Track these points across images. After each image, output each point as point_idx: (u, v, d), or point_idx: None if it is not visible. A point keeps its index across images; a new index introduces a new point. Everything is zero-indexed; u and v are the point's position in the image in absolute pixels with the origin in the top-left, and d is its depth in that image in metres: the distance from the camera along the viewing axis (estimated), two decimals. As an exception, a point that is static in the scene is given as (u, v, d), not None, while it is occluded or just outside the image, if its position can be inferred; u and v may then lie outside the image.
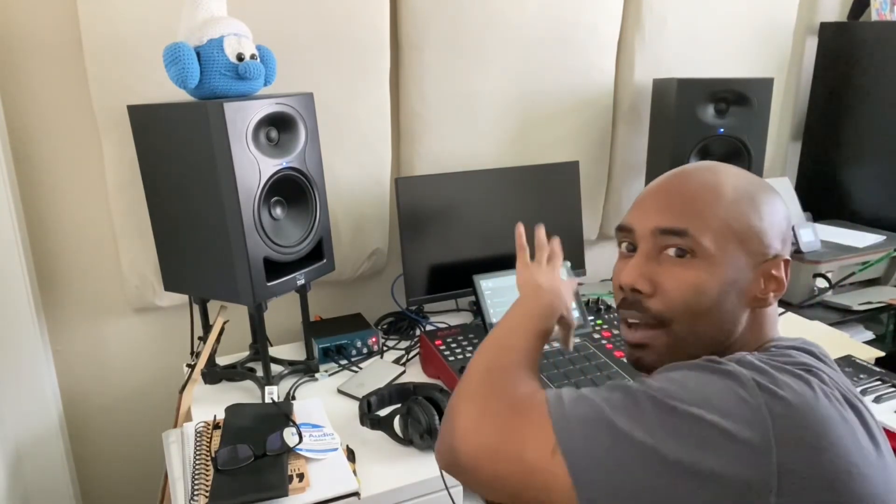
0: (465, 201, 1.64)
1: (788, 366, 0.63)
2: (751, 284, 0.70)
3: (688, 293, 0.69)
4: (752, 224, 0.69)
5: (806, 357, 0.66)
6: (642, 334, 0.73)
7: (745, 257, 0.69)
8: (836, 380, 0.65)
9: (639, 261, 0.72)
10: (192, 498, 1.02)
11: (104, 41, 1.30)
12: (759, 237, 0.69)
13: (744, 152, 1.73)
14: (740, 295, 0.70)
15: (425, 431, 1.12)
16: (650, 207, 0.73)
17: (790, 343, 0.70)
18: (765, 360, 0.63)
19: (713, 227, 0.69)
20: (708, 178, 0.71)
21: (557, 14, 1.69)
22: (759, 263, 0.70)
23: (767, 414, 0.57)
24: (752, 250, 0.69)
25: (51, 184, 1.40)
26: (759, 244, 0.70)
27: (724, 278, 0.68)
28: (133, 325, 1.55)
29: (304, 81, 1.47)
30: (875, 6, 2.12)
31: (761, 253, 0.70)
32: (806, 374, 0.62)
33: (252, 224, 1.19)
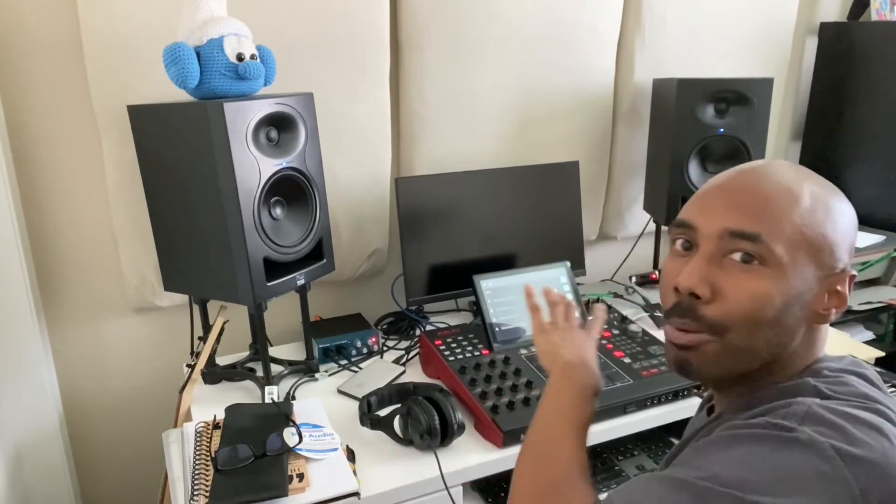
0: (465, 201, 1.63)
1: (856, 409, 0.59)
2: (815, 298, 0.65)
3: (751, 303, 0.63)
4: (826, 234, 0.64)
5: (862, 385, 0.64)
6: (693, 338, 0.66)
7: (815, 270, 0.64)
8: (892, 406, 0.63)
9: (700, 263, 0.65)
10: (192, 498, 1.02)
11: (104, 41, 1.30)
12: (830, 249, 0.64)
13: (744, 152, 1.73)
14: (803, 309, 0.65)
15: (425, 431, 1.12)
16: (719, 205, 0.66)
17: (841, 366, 0.67)
18: (831, 408, 0.59)
19: (787, 234, 0.63)
20: (785, 180, 0.65)
21: (557, 14, 1.69)
22: (826, 277, 0.65)
23: (854, 483, 0.54)
24: (822, 263, 0.64)
25: (51, 184, 1.40)
26: (830, 257, 0.64)
27: (790, 290, 0.63)
28: (133, 325, 1.55)
29: (304, 81, 1.47)
30: (875, 6, 2.12)
31: (830, 266, 0.65)
32: (876, 419, 0.59)
33: (252, 224, 1.19)
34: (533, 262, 1.65)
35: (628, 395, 1.28)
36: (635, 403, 1.28)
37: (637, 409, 1.29)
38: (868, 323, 1.91)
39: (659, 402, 1.30)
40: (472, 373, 1.31)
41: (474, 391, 1.26)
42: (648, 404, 1.29)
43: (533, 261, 1.70)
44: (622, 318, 1.59)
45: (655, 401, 1.30)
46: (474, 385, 1.28)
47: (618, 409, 1.27)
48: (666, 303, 0.70)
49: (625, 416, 1.27)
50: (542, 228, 1.74)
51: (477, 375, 1.30)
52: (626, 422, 1.27)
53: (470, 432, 1.22)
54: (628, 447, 1.38)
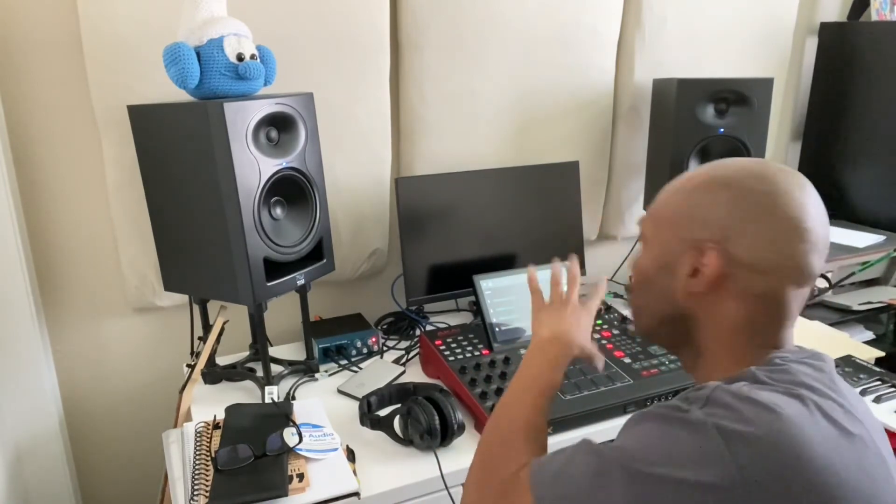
0: (465, 201, 1.63)
1: (767, 392, 0.64)
2: (679, 265, 0.73)
3: (632, 270, 0.82)
4: (681, 209, 0.74)
5: (804, 373, 0.67)
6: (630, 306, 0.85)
7: (675, 241, 0.74)
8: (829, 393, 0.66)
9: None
10: (192, 498, 1.02)
11: (104, 41, 1.30)
12: (687, 222, 0.73)
13: (744, 152, 1.73)
14: (671, 274, 0.74)
15: (425, 431, 1.12)
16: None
17: (794, 356, 0.70)
18: (734, 391, 0.64)
19: (654, 213, 0.78)
20: (694, 170, 0.77)
21: (557, 14, 1.69)
22: (688, 248, 0.72)
23: (732, 459, 0.58)
24: (681, 235, 0.73)
25: (51, 184, 1.40)
26: (687, 229, 0.72)
27: (654, 257, 0.77)
28: (133, 325, 1.55)
29: (304, 81, 1.47)
30: (875, 6, 2.12)
31: (689, 239, 0.72)
32: (777, 399, 0.63)
33: (252, 224, 1.19)
34: (533, 262, 1.65)
35: (628, 395, 1.28)
36: (635, 403, 1.28)
37: (637, 409, 1.28)
38: (868, 323, 1.91)
39: (659, 402, 1.30)
40: (472, 373, 1.31)
41: (474, 391, 1.26)
42: (648, 404, 1.29)
43: (533, 261, 1.70)
44: (622, 318, 1.59)
45: (655, 401, 1.30)
46: (474, 385, 1.28)
47: (618, 409, 1.27)
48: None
49: (625, 416, 1.27)
50: (542, 228, 1.74)
51: (477, 375, 1.30)
52: (626, 422, 1.27)
53: (470, 432, 1.22)
54: (628, 447, 1.38)
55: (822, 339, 1.57)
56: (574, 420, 1.23)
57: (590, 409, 1.23)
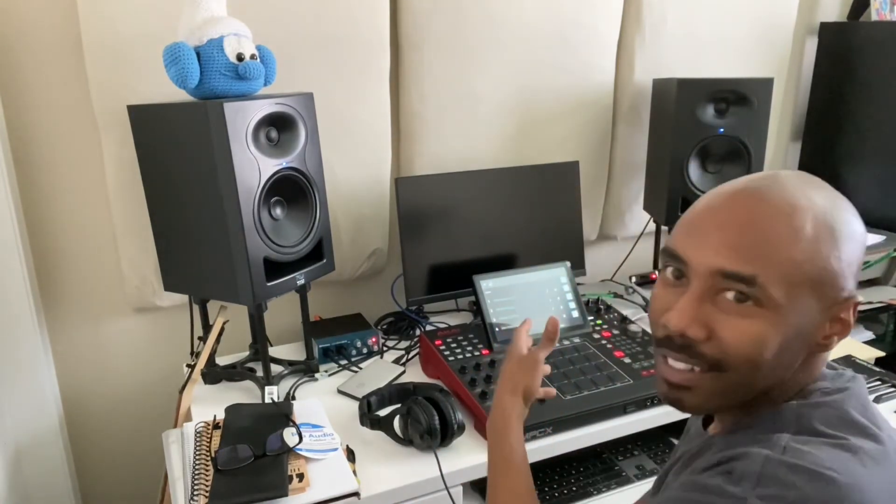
0: (465, 201, 1.63)
1: (824, 448, 0.58)
2: (816, 330, 0.62)
3: (749, 346, 0.60)
4: (829, 267, 0.60)
5: (851, 408, 0.63)
6: (689, 377, 0.64)
7: (816, 303, 0.61)
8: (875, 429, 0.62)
9: (691, 302, 0.62)
10: (192, 498, 1.02)
11: (104, 41, 1.30)
12: (833, 280, 0.61)
13: (744, 152, 1.73)
14: (803, 342, 0.62)
15: (425, 431, 1.12)
16: (711, 240, 0.62)
17: (837, 385, 0.65)
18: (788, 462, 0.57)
19: (786, 274, 0.59)
20: (785, 206, 0.60)
21: (557, 14, 1.69)
22: (828, 307, 0.62)
23: None
24: (825, 295, 0.61)
25: (51, 184, 1.40)
26: (833, 288, 0.61)
27: (789, 330, 0.60)
28: (133, 325, 1.55)
29: (304, 81, 1.47)
30: (875, 6, 2.12)
31: (833, 297, 0.61)
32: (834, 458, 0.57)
33: (252, 224, 1.19)
34: (533, 262, 1.66)
35: (628, 395, 1.28)
36: (635, 403, 1.28)
37: (637, 409, 1.29)
38: (868, 323, 1.91)
39: (659, 402, 1.30)
40: (472, 373, 1.31)
41: (474, 391, 1.26)
42: (648, 404, 1.29)
43: (533, 261, 1.70)
44: (622, 318, 1.59)
45: (655, 401, 1.30)
46: (474, 385, 1.28)
47: (618, 409, 1.27)
48: (656, 333, 0.67)
49: (625, 416, 1.27)
50: (542, 228, 1.74)
51: (477, 375, 1.30)
52: (626, 422, 1.27)
53: (470, 432, 1.22)
54: (628, 447, 1.38)
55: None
56: (574, 420, 1.23)
57: (590, 409, 1.23)
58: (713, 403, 0.66)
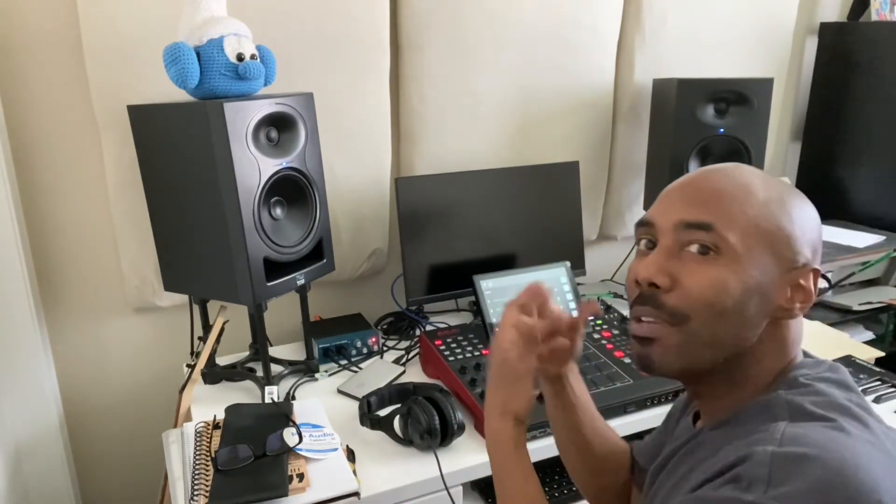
0: (465, 201, 1.63)
1: (819, 409, 0.61)
2: (776, 291, 0.65)
3: (709, 291, 0.64)
4: (783, 226, 0.65)
5: (837, 394, 0.63)
6: (654, 328, 0.67)
7: (773, 261, 0.65)
8: (861, 409, 0.63)
9: (658, 255, 0.67)
10: (192, 498, 1.02)
11: (104, 41, 1.30)
12: (788, 241, 0.65)
13: (744, 152, 1.73)
14: (764, 301, 0.65)
15: (425, 431, 1.12)
16: (675, 200, 0.68)
17: (817, 372, 0.66)
18: (798, 453, 0.57)
19: (741, 224, 0.64)
20: (738, 176, 0.67)
21: (557, 14, 1.69)
22: (787, 270, 0.65)
23: None
24: (781, 255, 0.65)
25: (51, 184, 1.40)
26: (788, 249, 0.65)
27: (748, 280, 0.64)
28: (133, 325, 1.55)
29: (304, 81, 1.47)
30: (875, 6, 2.12)
31: (790, 259, 0.65)
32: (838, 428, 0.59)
33: (252, 224, 1.19)
34: (533, 262, 1.66)
35: (628, 395, 1.28)
36: (635, 403, 1.28)
37: (637, 409, 1.29)
38: (868, 323, 1.91)
39: (659, 402, 1.30)
40: (472, 373, 1.31)
41: (474, 391, 1.26)
42: (648, 404, 1.29)
43: (533, 261, 1.70)
44: (622, 318, 1.59)
45: (655, 401, 1.30)
46: (474, 385, 1.28)
47: (618, 409, 1.27)
48: (630, 295, 0.71)
49: (625, 416, 1.27)
50: (542, 228, 1.74)
51: (477, 375, 1.30)
52: (626, 422, 1.27)
53: (470, 432, 1.22)
54: (628, 447, 1.38)
55: (822, 339, 1.57)
56: (574, 420, 1.23)
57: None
58: (680, 359, 0.67)
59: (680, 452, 0.72)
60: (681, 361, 0.67)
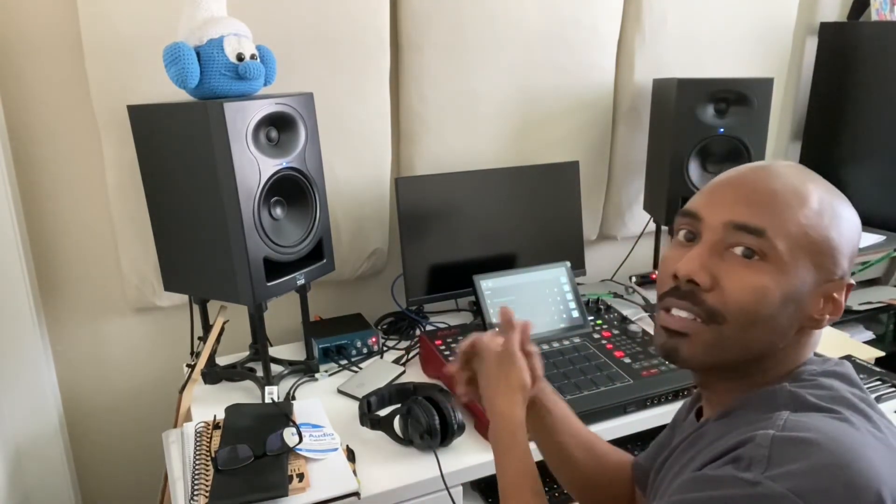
0: (465, 201, 1.63)
1: (823, 402, 0.62)
2: (811, 302, 0.65)
3: (750, 296, 0.63)
4: (831, 239, 0.64)
5: (841, 387, 0.64)
6: (684, 323, 0.66)
7: (814, 272, 0.64)
8: (864, 404, 0.64)
9: (702, 252, 0.65)
10: (192, 498, 1.02)
11: (104, 41, 1.30)
12: (832, 254, 0.64)
13: (744, 152, 1.73)
14: (798, 310, 0.65)
15: (425, 431, 1.12)
16: (727, 198, 0.66)
17: (822, 368, 0.67)
18: (798, 437, 0.57)
19: (791, 233, 0.63)
20: (793, 180, 0.65)
21: (557, 14, 1.69)
22: (823, 282, 0.65)
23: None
24: (823, 267, 0.64)
25: (51, 184, 1.40)
26: (831, 262, 0.64)
27: (789, 289, 0.63)
28: (133, 325, 1.55)
29: (304, 81, 1.47)
30: (875, 6, 2.12)
31: (829, 271, 0.65)
32: (842, 419, 0.60)
33: (252, 224, 1.19)
34: (533, 262, 1.66)
35: (628, 395, 1.28)
36: (635, 403, 1.28)
37: (637, 409, 1.29)
38: (868, 323, 1.91)
39: (659, 402, 1.30)
40: (472, 373, 1.31)
41: (474, 391, 1.26)
42: (648, 404, 1.29)
43: (533, 261, 1.71)
44: (622, 318, 1.59)
45: (655, 401, 1.30)
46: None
47: (618, 409, 1.27)
48: (662, 287, 0.70)
49: (625, 416, 1.27)
50: (542, 228, 1.74)
51: (477, 375, 1.30)
52: (626, 422, 1.27)
53: (470, 432, 1.21)
54: (628, 447, 1.37)
55: (822, 338, 1.57)
56: (574, 420, 1.23)
57: (590, 409, 1.23)
58: (707, 356, 0.67)
59: (683, 445, 0.73)
60: (708, 359, 0.67)
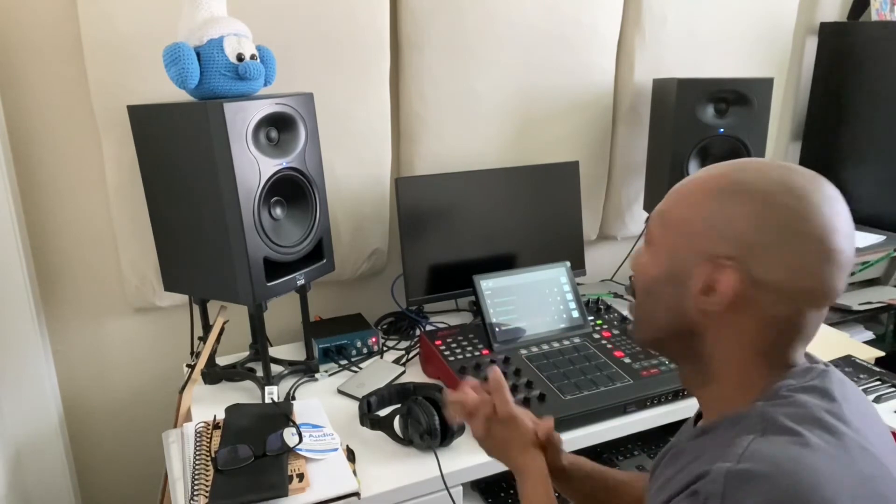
0: (465, 201, 1.64)
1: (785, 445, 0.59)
2: (691, 280, 0.67)
3: (637, 272, 0.74)
4: (702, 217, 0.66)
5: (815, 406, 0.62)
6: (630, 307, 0.79)
7: (689, 251, 0.67)
8: (838, 422, 0.62)
9: (639, 246, 0.77)
10: (192, 498, 1.02)
11: (104, 41, 1.30)
12: (703, 231, 0.66)
13: (744, 152, 1.73)
14: (680, 287, 0.68)
15: (425, 431, 1.12)
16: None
17: (802, 383, 0.65)
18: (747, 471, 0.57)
19: (664, 214, 0.70)
20: (716, 170, 0.68)
21: (557, 14, 1.69)
22: (702, 261, 0.66)
23: None
24: (695, 245, 0.66)
25: (51, 184, 1.40)
26: (701, 240, 0.66)
27: (661, 264, 0.70)
28: (133, 325, 1.55)
29: (304, 81, 1.47)
30: (875, 6, 2.12)
31: (703, 251, 0.66)
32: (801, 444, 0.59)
33: (252, 224, 1.19)
34: (533, 262, 1.66)
35: (628, 395, 1.28)
36: (635, 403, 1.28)
37: (637, 409, 1.29)
38: (868, 323, 1.91)
39: (659, 402, 1.30)
40: (472, 373, 1.31)
41: (474, 391, 1.26)
42: (648, 404, 1.29)
43: (533, 261, 1.71)
44: (622, 318, 1.59)
45: (655, 401, 1.30)
46: (474, 385, 1.28)
47: (618, 409, 1.27)
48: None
49: (625, 416, 1.27)
50: (542, 228, 1.75)
51: (477, 375, 1.30)
52: (626, 422, 1.27)
53: (470, 432, 1.21)
54: (628, 447, 1.38)
55: (822, 339, 1.57)
56: (574, 420, 1.23)
57: (590, 409, 1.23)
58: (637, 330, 0.77)
59: (671, 452, 0.75)
60: (638, 333, 0.76)
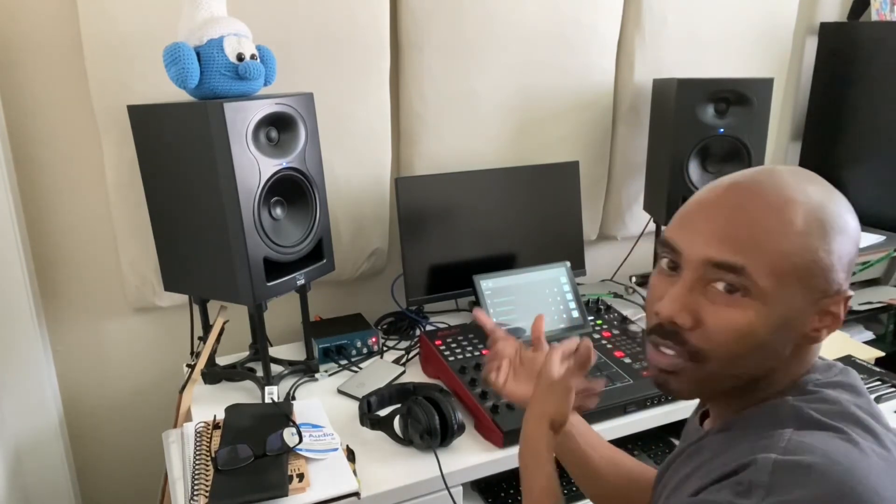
0: (465, 201, 1.64)
1: (827, 439, 0.59)
2: (805, 321, 0.63)
3: (733, 335, 0.61)
4: (819, 259, 0.60)
5: (846, 400, 0.63)
6: (673, 362, 0.65)
7: (805, 295, 0.61)
8: (870, 416, 0.62)
9: (682, 291, 0.63)
10: (192, 498, 1.02)
11: (104, 41, 1.30)
12: (824, 274, 0.61)
13: (744, 152, 1.73)
14: (790, 332, 0.63)
15: (425, 431, 1.12)
16: (703, 230, 0.63)
17: (828, 378, 0.66)
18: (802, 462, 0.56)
19: (774, 264, 0.60)
20: (775, 200, 0.61)
21: (557, 14, 1.69)
22: (818, 300, 0.62)
23: None
24: (814, 287, 0.61)
25: (51, 184, 1.40)
26: (823, 281, 0.61)
27: (776, 320, 0.61)
28: (133, 325, 1.55)
29: (304, 81, 1.47)
30: (875, 6, 2.12)
31: (822, 290, 0.61)
32: (847, 440, 0.58)
33: (252, 224, 1.19)
34: (533, 262, 1.66)
35: (628, 395, 1.28)
36: (635, 403, 1.28)
37: (637, 409, 1.29)
38: (868, 323, 1.92)
39: (659, 402, 1.30)
40: (472, 373, 1.31)
41: (474, 391, 1.26)
42: (648, 404, 1.29)
43: (533, 261, 1.71)
44: (622, 318, 1.59)
45: (655, 401, 1.30)
46: (474, 385, 1.28)
47: (618, 409, 1.27)
48: (649, 321, 0.69)
49: (625, 416, 1.28)
50: (542, 228, 1.75)
51: (477, 375, 1.30)
52: (626, 422, 1.27)
53: (470, 432, 1.22)
54: (628, 447, 1.38)
55: (822, 339, 1.58)
56: (574, 420, 1.23)
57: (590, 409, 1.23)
58: (698, 390, 0.67)
59: (686, 452, 0.73)
60: (698, 393, 0.68)
